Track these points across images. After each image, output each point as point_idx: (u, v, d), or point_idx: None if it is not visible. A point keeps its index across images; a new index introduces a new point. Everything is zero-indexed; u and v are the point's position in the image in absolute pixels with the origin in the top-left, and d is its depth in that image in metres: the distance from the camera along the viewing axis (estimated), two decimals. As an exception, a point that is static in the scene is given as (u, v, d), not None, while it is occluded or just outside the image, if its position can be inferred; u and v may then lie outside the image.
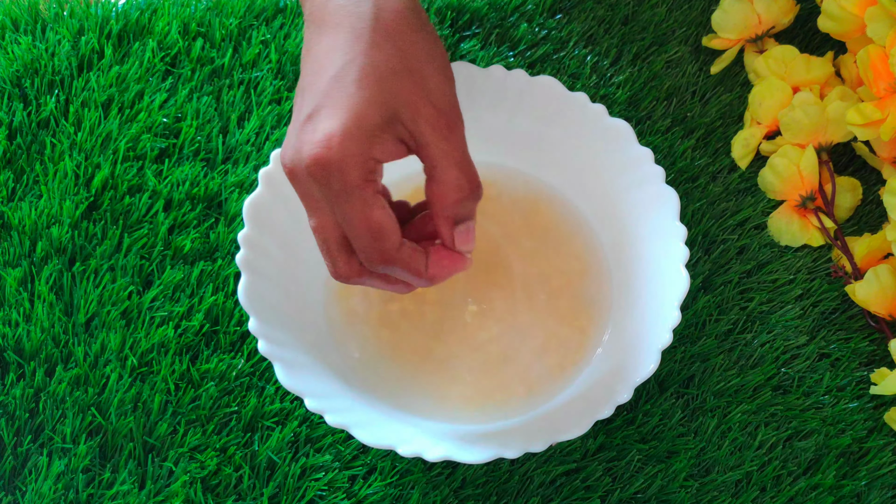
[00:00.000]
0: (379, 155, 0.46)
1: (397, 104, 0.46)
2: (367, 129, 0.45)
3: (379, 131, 0.46)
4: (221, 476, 0.56)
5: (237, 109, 0.65)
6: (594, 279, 0.59)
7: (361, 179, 0.45)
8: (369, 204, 0.45)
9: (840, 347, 0.61)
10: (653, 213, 0.56)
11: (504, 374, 0.56)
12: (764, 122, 0.65)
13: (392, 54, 0.47)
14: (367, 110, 0.45)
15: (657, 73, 0.67)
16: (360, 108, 0.45)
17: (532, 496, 0.57)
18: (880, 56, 0.60)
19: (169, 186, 0.62)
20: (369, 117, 0.45)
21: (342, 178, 0.45)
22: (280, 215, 0.56)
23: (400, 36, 0.48)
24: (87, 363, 0.58)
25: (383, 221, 0.46)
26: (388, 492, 0.56)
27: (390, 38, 0.47)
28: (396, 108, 0.46)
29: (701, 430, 0.59)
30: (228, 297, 0.60)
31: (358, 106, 0.45)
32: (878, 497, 0.58)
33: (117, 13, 0.66)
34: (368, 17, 0.48)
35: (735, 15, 0.67)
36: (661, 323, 0.52)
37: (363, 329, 0.57)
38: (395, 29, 0.48)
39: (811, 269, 0.63)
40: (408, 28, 0.48)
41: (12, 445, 0.56)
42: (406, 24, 0.48)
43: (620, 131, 0.57)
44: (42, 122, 0.64)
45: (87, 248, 0.61)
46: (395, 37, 0.48)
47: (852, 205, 0.64)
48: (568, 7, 0.69)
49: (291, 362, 0.52)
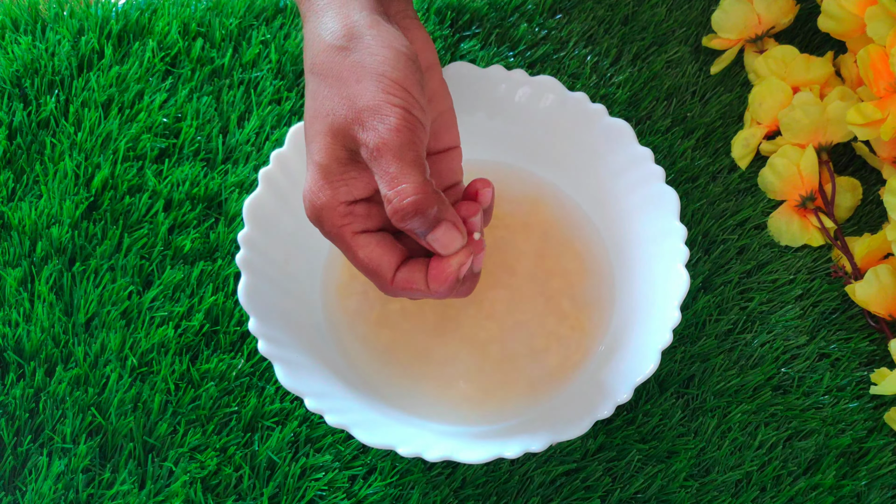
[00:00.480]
0: (345, 197, 0.48)
1: (348, 142, 0.48)
2: (329, 177, 0.48)
3: (340, 175, 0.48)
4: (221, 476, 0.56)
5: (237, 109, 0.65)
6: (594, 279, 0.59)
7: (338, 226, 0.48)
8: (351, 247, 0.49)
9: (840, 347, 0.61)
10: (653, 213, 0.56)
11: (504, 374, 0.56)
12: (764, 122, 0.65)
13: (327, 95, 0.48)
14: (324, 160, 0.48)
15: (657, 73, 0.67)
16: (319, 159, 0.48)
17: (532, 496, 0.57)
18: (880, 56, 0.60)
19: (169, 186, 0.62)
20: (327, 165, 0.48)
21: (325, 227, 0.49)
22: (280, 215, 0.56)
23: (331, 72, 0.48)
24: (87, 363, 0.58)
25: (368, 260, 0.48)
26: (388, 492, 0.56)
27: (325, 79, 0.48)
28: (350, 147, 0.48)
29: (701, 430, 0.59)
30: (228, 297, 0.60)
31: (317, 157, 0.48)
32: (878, 497, 0.58)
33: (117, 13, 0.66)
34: (309, 65, 0.49)
35: (735, 15, 0.67)
36: (661, 323, 0.52)
37: (363, 329, 0.57)
38: (325, 68, 0.48)
39: (811, 269, 0.63)
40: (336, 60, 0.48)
41: (12, 445, 0.56)
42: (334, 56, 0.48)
43: (620, 131, 0.57)
44: (42, 122, 0.64)
45: (87, 248, 0.61)
46: (327, 75, 0.48)
47: (852, 205, 0.64)
48: (568, 7, 0.69)
49: (291, 362, 0.52)
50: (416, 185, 0.46)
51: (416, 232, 0.47)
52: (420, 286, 0.49)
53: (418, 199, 0.46)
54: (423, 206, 0.47)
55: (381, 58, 0.48)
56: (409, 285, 0.49)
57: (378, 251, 0.49)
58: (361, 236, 0.49)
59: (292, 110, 0.65)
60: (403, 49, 0.49)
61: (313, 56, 0.49)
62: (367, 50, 0.48)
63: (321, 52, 0.49)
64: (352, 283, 0.58)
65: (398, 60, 0.48)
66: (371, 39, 0.48)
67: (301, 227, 0.56)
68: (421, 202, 0.46)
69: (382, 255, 0.49)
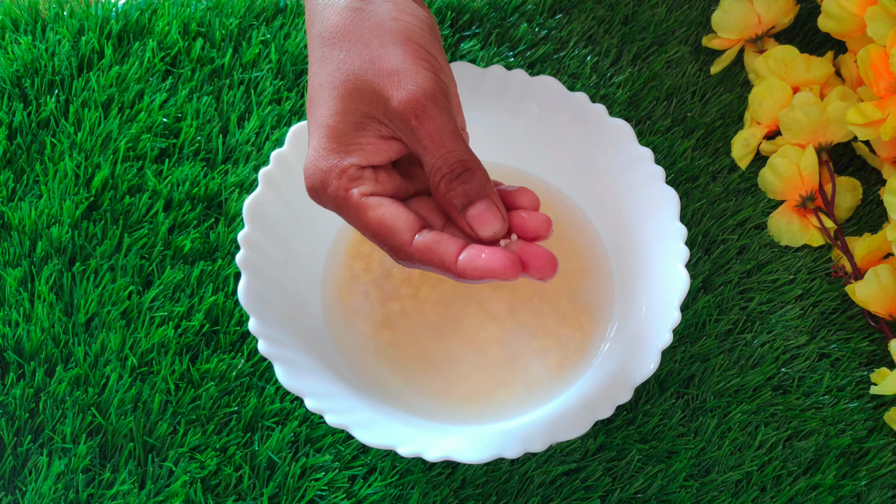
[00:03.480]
0: (358, 160, 0.45)
1: (370, 105, 0.45)
2: (337, 141, 0.45)
3: (356, 138, 0.45)
4: (221, 476, 0.56)
5: (237, 109, 0.65)
6: (594, 279, 0.59)
7: (343, 189, 0.45)
8: (361, 208, 0.45)
9: (840, 347, 0.61)
10: (653, 213, 0.56)
11: (504, 374, 0.56)
12: (764, 122, 0.65)
13: (344, 58, 0.46)
14: (338, 123, 0.45)
15: (657, 73, 0.67)
16: (331, 122, 0.45)
17: (532, 496, 0.57)
18: (880, 56, 0.60)
19: (169, 186, 0.62)
20: (340, 128, 0.45)
21: (327, 197, 0.45)
22: (280, 215, 0.56)
23: (349, 35, 0.46)
24: (87, 363, 0.58)
25: (381, 220, 0.45)
26: (388, 492, 0.56)
27: (340, 42, 0.46)
28: (365, 109, 0.45)
29: (701, 430, 0.59)
30: (228, 297, 0.60)
31: (329, 120, 0.45)
32: (878, 497, 0.58)
33: (117, 13, 0.66)
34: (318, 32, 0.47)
35: (735, 15, 0.67)
36: (661, 323, 0.52)
37: (363, 329, 0.57)
38: (340, 31, 0.46)
39: (811, 269, 0.63)
40: (354, 22, 0.46)
41: (12, 445, 0.56)
42: (351, 18, 0.46)
43: (620, 131, 0.57)
44: (42, 122, 0.64)
45: (87, 248, 0.61)
46: (343, 39, 0.46)
47: (852, 205, 0.64)
48: (568, 7, 0.69)
49: (291, 362, 0.52)
50: (463, 149, 0.44)
51: (456, 203, 0.44)
52: (442, 259, 0.44)
53: (467, 161, 0.44)
54: (474, 165, 0.44)
55: (403, 23, 0.46)
56: (429, 254, 0.44)
57: (393, 210, 0.45)
58: (372, 198, 0.45)
59: (292, 110, 0.65)
60: (423, 17, 0.47)
61: (324, 20, 0.47)
62: (388, 14, 0.46)
63: (335, 14, 0.46)
64: (352, 284, 0.58)
65: (421, 28, 0.46)
66: (390, 4, 0.46)
67: (301, 227, 0.56)
68: (469, 165, 0.44)
69: (399, 215, 0.45)
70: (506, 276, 0.43)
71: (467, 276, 0.44)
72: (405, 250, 0.44)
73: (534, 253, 0.45)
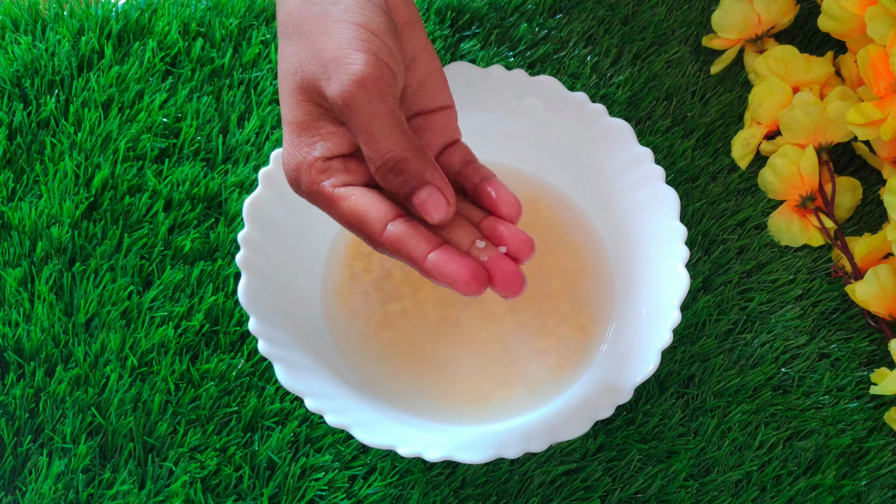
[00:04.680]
0: (322, 152, 0.46)
1: (317, 97, 0.45)
2: (303, 133, 0.46)
3: (315, 130, 0.46)
4: (221, 476, 0.56)
5: (237, 109, 0.65)
6: (594, 279, 0.59)
7: (315, 184, 0.45)
8: (333, 200, 0.45)
9: (840, 347, 0.61)
10: (653, 213, 0.56)
11: (504, 374, 0.56)
12: (764, 122, 0.65)
13: (294, 52, 0.46)
14: (297, 116, 0.46)
15: (657, 73, 0.67)
16: (291, 117, 0.46)
17: (532, 496, 0.57)
18: (880, 56, 0.60)
19: (169, 186, 0.62)
20: (300, 122, 0.46)
21: (302, 192, 0.46)
22: (280, 215, 0.56)
23: (297, 27, 0.46)
24: (87, 363, 0.58)
25: (353, 210, 0.44)
26: (388, 492, 0.56)
27: (291, 36, 0.46)
28: (316, 101, 0.46)
29: (701, 430, 0.59)
30: (228, 297, 0.60)
31: (289, 115, 0.46)
32: (878, 497, 0.58)
33: (117, 13, 0.66)
34: (279, 26, 0.48)
35: (735, 15, 0.67)
36: (661, 323, 0.52)
37: (363, 329, 0.57)
38: (291, 25, 0.47)
39: (811, 269, 0.63)
40: (301, 13, 0.46)
41: (12, 445, 0.56)
42: (300, 10, 0.46)
43: (620, 131, 0.57)
44: (42, 122, 0.64)
45: (87, 248, 0.61)
46: (293, 32, 0.46)
47: (852, 205, 0.64)
48: (568, 7, 0.69)
49: (291, 362, 0.52)
50: (394, 140, 0.44)
51: (399, 193, 0.44)
52: (410, 252, 0.44)
53: (396, 153, 0.44)
54: (403, 161, 0.44)
55: (344, 6, 0.46)
56: (399, 245, 0.44)
57: (364, 199, 0.45)
58: (343, 188, 0.45)
59: (292, 110, 0.65)
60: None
61: (282, 16, 0.47)
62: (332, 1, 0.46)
63: (291, 8, 0.47)
64: (352, 284, 0.58)
65: (364, 7, 0.46)
66: None
67: (301, 227, 0.56)
68: (399, 157, 0.44)
69: (370, 204, 0.44)
70: (467, 289, 0.43)
71: (433, 277, 0.43)
72: (377, 240, 0.44)
73: (502, 268, 0.44)
